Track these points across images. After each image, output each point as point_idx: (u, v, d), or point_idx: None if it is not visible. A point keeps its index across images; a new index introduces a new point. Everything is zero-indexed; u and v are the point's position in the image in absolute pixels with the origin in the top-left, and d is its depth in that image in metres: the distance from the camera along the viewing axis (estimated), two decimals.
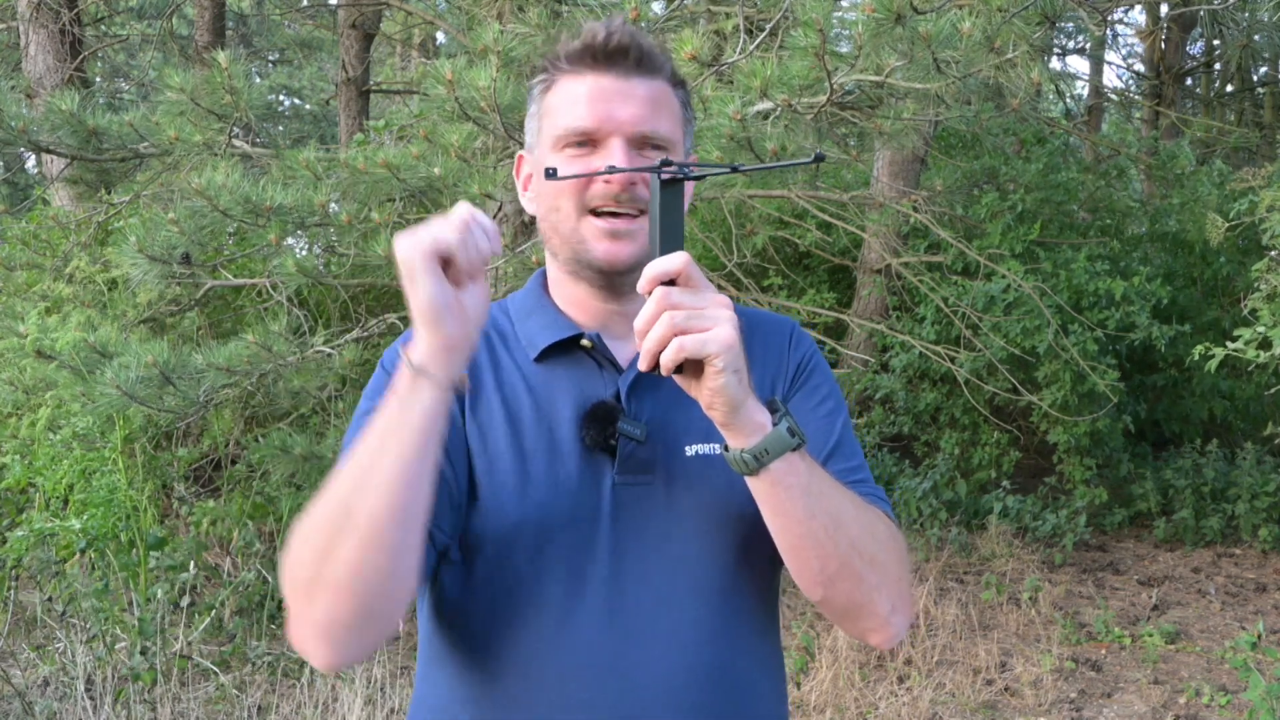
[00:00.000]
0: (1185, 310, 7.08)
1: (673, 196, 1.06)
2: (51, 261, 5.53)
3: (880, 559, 1.11)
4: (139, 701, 3.70)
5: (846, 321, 6.43)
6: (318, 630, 1.02)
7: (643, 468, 1.16)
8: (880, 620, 1.13)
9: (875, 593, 1.11)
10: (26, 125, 4.05)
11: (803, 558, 1.08)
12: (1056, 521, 6.30)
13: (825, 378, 1.29)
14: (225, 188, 3.53)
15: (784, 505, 1.05)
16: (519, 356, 1.21)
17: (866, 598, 1.11)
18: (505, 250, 4.35)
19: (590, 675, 1.12)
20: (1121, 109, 13.83)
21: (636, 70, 1.19)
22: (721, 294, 1.02)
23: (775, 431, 1.02)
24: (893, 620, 1.13)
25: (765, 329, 1.29)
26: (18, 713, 3.58)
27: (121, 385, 3.39)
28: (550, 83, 1.21)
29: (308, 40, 15.18)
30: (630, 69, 1.18)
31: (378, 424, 1.02)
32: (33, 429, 5.31)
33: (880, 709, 4.11)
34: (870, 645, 1.16)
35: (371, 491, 0.99)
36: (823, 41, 2.85)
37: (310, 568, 1.01)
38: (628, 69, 1.18)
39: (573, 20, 3.83)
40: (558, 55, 1.21)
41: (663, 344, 0.98)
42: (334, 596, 1.00)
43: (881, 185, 7.15)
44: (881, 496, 1.23)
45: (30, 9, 7.15)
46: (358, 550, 0.99)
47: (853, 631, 1.16)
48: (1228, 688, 4.36)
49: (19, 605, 4.72)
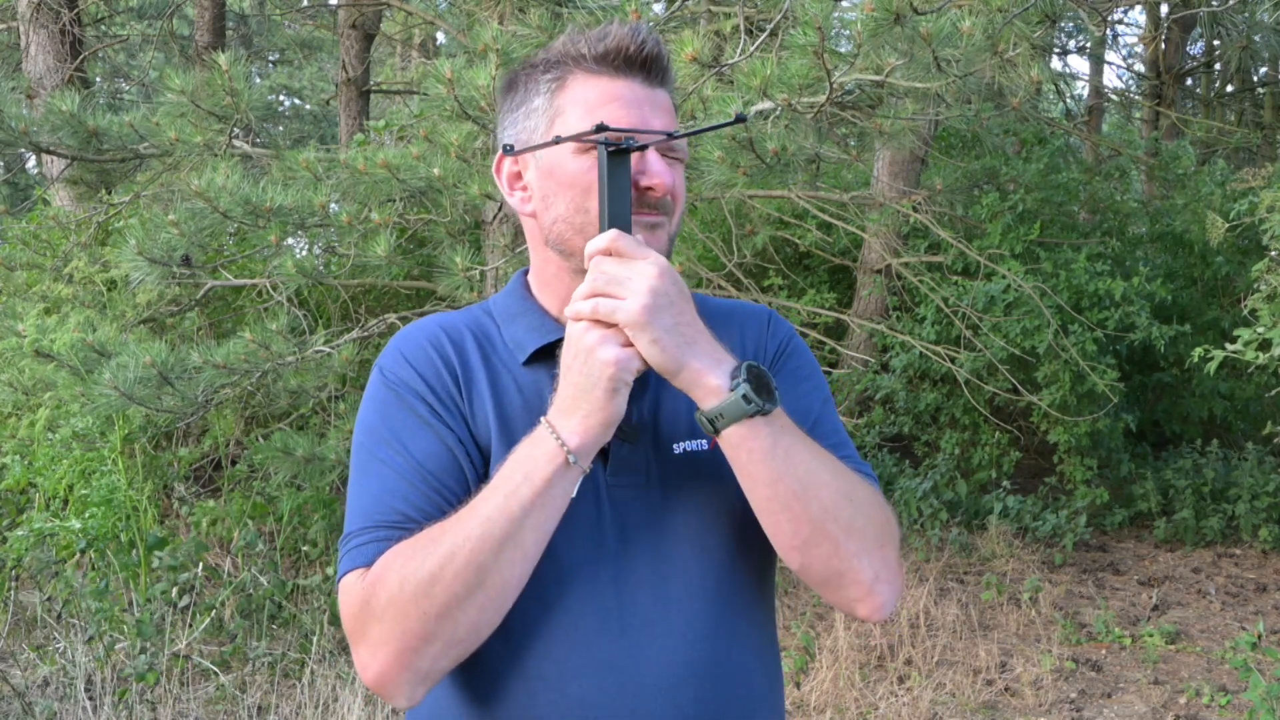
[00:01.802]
0: (1185, 310, 7.08)
1: (619, 167, 1.09)
2: (51, 262, 5.53)
3: (859, 526, 1.12)
4: (139, 701, 3.70)
5: (846, 322, 6.43)
6: (418, 676, 1.06)
7: (633, 468, 1.17)
8: (864, 589, 1.13)
9: (855, 560, 1.11)
10: (27, 126, 4.05)
11: (774, 521, 1.11)
12: (1056, 521, 6.30)
13: (804, 360, 1.30)
14: (225, 189, 3.52)
15: (747, 468, 1.08)
16: (507, 360, 1.21)
17: (846, 565, 1.12)
18: (505, 250, 4.35)
19: (588, 674, 1.12)
20: (1121, 109, 13.83)
21: (660, 80, 1.19)
22: (654, 265, 1.05)
23: (731, 397, 1.05)
24: (877, 589, 1.13)
25: (741, 318, 1.30)
26: (18, 713, 3.58)
27: (119, 386, 3.39)
28: (562, 80, 1.18)
29: (308, 40, 15.19)
30: (655, 78, 1.18)
31: (518, 492, 1.05)
32: (32, 429, 5.32)
33: (880, 709, 4.10)
34: (859, 617, 1.16)
35: (507, 564, 1.04)
36: (822, 40, 2.84)
37: (429, 622, 1.04)
38: (653, 78, 1.18)
39: (573, 20, 3.82)
40: (580, 54, 1.17)
41: (585, 302, 1.06)
42: (447, 650, 1.05)
43: (881, 185, 7.15)
44: (869, 472, 1.23)
45: (30, 9, 7.15)
46: (483, 613, 1.05)
47: (838, 602, 1.16)
48: (1228, 688, 4.36)
49: (19, 605, 4.72)
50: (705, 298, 1.32)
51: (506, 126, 1.24)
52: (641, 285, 1.03)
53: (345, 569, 1.11)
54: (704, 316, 1.11)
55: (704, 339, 1.08)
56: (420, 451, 1.14)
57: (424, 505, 1.11)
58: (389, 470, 1.13)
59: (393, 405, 1.17)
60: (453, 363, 1.19)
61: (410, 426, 1.15)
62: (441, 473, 1.13)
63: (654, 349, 1.04)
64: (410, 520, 1.10)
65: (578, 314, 1.06)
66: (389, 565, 1.06)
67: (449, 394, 1.17)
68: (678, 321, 1.05)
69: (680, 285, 1.07)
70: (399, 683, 1.06)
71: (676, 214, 1.20)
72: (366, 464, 1.16)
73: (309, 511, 5.20)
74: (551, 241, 1.20)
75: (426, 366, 1.19)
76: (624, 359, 1.04)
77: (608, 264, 1.06)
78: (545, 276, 1.24)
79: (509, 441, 1.14)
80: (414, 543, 1.07)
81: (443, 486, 1.12)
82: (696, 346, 1.06)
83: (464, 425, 1.16)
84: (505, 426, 1.16)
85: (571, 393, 1.06)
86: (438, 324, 1.24)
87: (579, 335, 1.06)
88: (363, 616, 1.07)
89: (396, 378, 1.18)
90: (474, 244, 4.55)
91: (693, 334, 1.06)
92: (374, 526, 1.11)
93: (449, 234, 4.34)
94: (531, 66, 1.22)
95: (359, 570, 1.10)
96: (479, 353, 1.21)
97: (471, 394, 1.18)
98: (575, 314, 1.07)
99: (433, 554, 1.04)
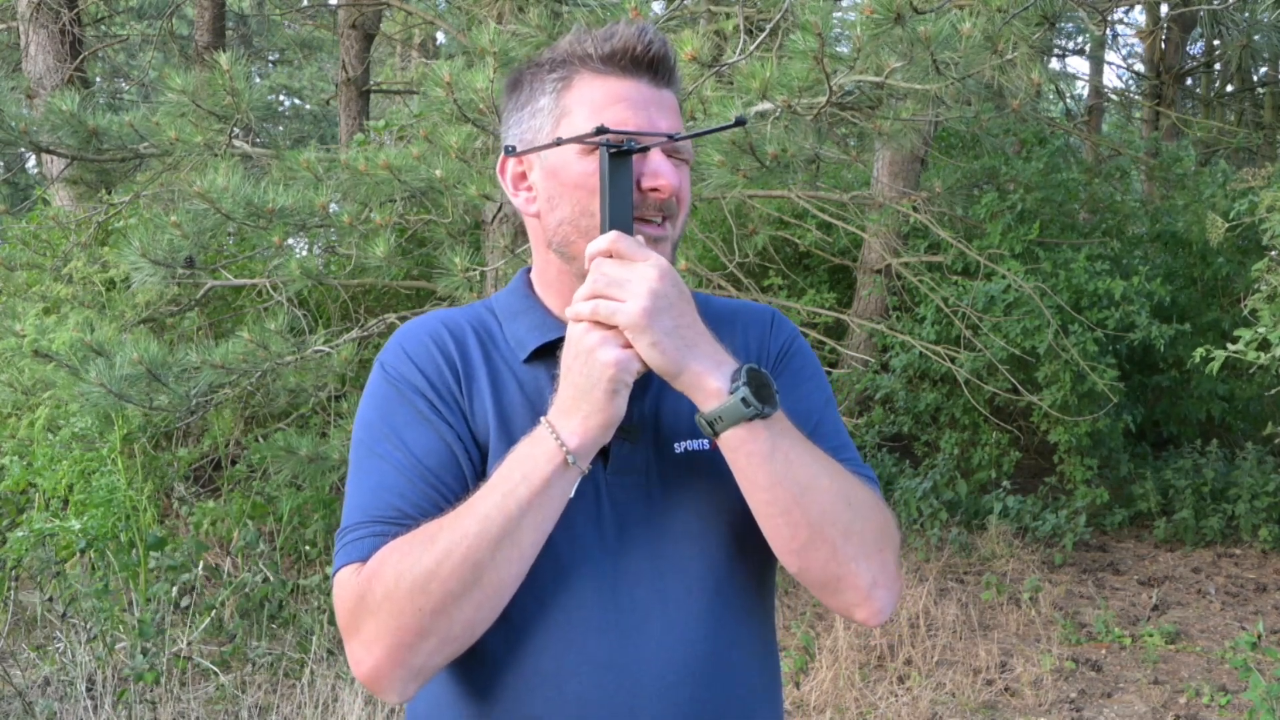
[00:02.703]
0: (1185, 310, 7.08)
1: (620, 169, 1.08)
2: (51, 261, 5.53)
3: (857, 530, 1.11)
4: (139, 701, 3.70)
5: (846, 321, 6.43)
6: (411, 673, 1.06)
7: (633, 466, 1.17)
8: (862, 594, 1.13)
9: (853, 564, 1.11)
10: (27, 125, 4.05)
11: (772, 524, 1.11)
12: (1056, 521, 6.30)
13: (807, 361, 1.30)
14: (227, 190, 3.52)
15: (746, 471, 1.09)
16: (508, 357, 1.21)
17: (843, 569, 1.11)
18: (504, 251, 4.35)
19: (586, 672, 1.12)
20: (1121, 109, 13.83)
21: (667, 81, 1.18)
22: (654, 267, 1.05)
23: (731, 400, 1.05)
24: (875, 594, 1.13)
25: (745, 318, 1.30)
26: (18, 713, 3.58)
27: (107, 383, 3.39)
28: (568, 80, 1.17)
29: (308, 40, 15.19)
30: (662, 79, 1.18)
31: (516, 491, 1.05)
32: (32, 429, 5.32)
33: (880, 709, 4.11)
34: (858, 621, 1.16)
35: (504, 563, 1.04)
36: (821, 44, 2.84)
37: (424, 619, 1.04)
38: (659, 79, 1.17)
39: (573, 20, 3.82)
40: (586, 53, 1.16)
41: (585, 303, 1.06)
42: (442, 647, 1.05)
43: (881, 185, 7.16)
44: (870, 475, 1.23)
45: (30, 9, 7.16)
46: (478, 611, 1.05)
47: (836, 606, 1.16)
48: (1228, 688, 4.36)
49: (19, 605, 4.72)
50: (709, 298, 1.31)
51: (511, 126, 1.23)
52: (641, 288, 1.03)
53: (341, 563, 1.11)
54: (707, 317, 1.11)
55: (704, 341, 1.07)
56: (419, 448, 1.14)
57: (421, 502, 1.11)
58: (387, 466, 1.13)
59: (393, 401, 1.17)
60: (454, 359, 1.19)
61: (410, 422, 1.15)
62: (440, 469, 1.13)
63: (653, 351, 1.04)
64: (407, 516, 1.10)
65: (577, 315, 1.06)
66: (385, 561, 1.06)
67: (449, 390, 1.17)
68: (678, 324, 1.05)
69: (681, 287, 1.07)
70: (392, 678, 1.06)
71: (680, 217, 1.19)
72: (365, 459, 1.16)
73: (309, 511, 5.20)
74: (555, 244, 1.19)
75: (427, 362, 1.18)
76: (624, 360, 1.04)
77: (608, 265, 1.06)
78: (547, 278, 1.24)
79: (508, 439, 1.14)
80: (411, 539, 1.07)
81: (440, 483, 1.12)
82: (696, 349, 1.06)
83: (463, 422, 1.16)
84: (505, 424, 1.16)
85: (571, 393, 1.06)
86: (440, 320, 1.24)
87: (579, 336, 1.06)
88: (357, 611, 1.07)
89: (397, 373, 1.18)
90: (474, 244, 4.55)
91: (693, 336, 1.06)
92: (370, 521, 1.11)
93: (449, 234, 4.34)
94: (537, 65, 1.20)
95: (354, 565, 1.09)
96: (480, 349, 1.21)
97: (472, 390, 1.18)
98: (575, 315, 1.07)
99: (429, 551, 1.04)
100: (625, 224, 1.09)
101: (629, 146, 1.08)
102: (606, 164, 1.08)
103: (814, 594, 1.17)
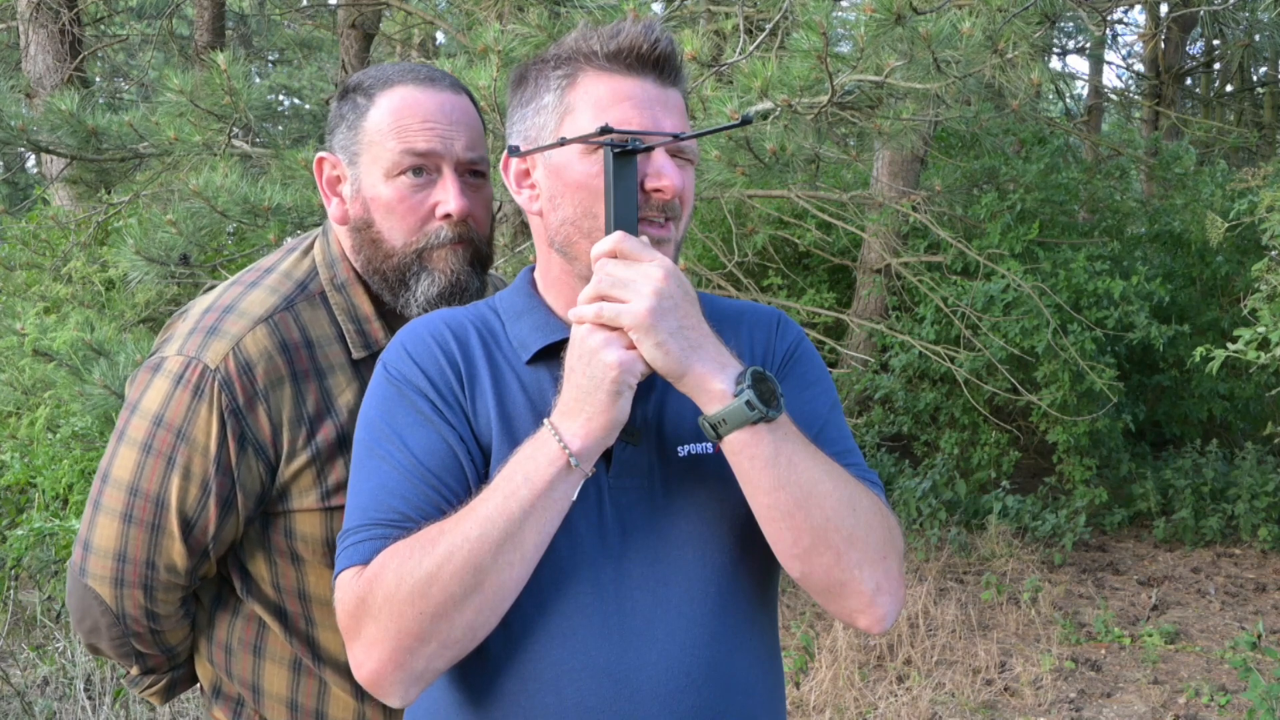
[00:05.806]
0: (1185, 310, 7.08)
1: (625, 169, 1.08)
2: (51, 261, 5.53)
3: (861, 536, 1.10)
4: (138, 701, 3.69)
5: (846, 321, 6.43)
6: (412, 676, 1.06)
7: (636, 470, 1.16)
8: (865, 600, 1.12)
9: (856, 570, 1.10)
10: (26, 125, 4.04)
11: (775, 529, 1.10)
12: (1056, 521, 6.30)
13: (812, 364, 1.28)
14: (223, 189, 3.52)
15: (749, 475, 1.08)
16: (511, 358, 1.20)
17: (847, 575, 1.10)
18: (504, 251, 4.35)
19: (587, 677, 1.11)
20: (1121, 109, 13.83)
21: (672, 80, 1.17)
22: (659, 268, 1.04)
23: (735, 403, 1.04)
24: (878, 600, 1.12)
25: (750, 320, 1.28)
26: (17, 712, 3.58)
27: (109, 384, 3.38)
28: (573, 78, 1.16)
29: (308, 40, 15.18)
30: (668, 78, 1.17)
31: (518, 493, 1.04)
32: (32, 428, 5.32)
33: (880, 709, 4.10)
34: (860, 628, 1.16)
35: (505, 566, 1.03)
36: (825, 44, 2.84)
37: (425, 622, 1.03)
38: (665, 78, 1.16)
39: (572, 21, 3.82)
40: (591, 51, 1.14)
41: (590, 305, 1.06)
42: (443, 650, 1.05)
43: (881, 185, 7.15)
44: (874, 480, 1.22)
45: (30, 9, 7.15)
46: (480, 614, 1.04)
47: (839, 612, 1.15)
48: (1228, 688, 4.36)
49: (19, 605, 4.72)
50: (714, 299, 1.30)
51: (515, 122, 1.22)
52: (646, 288, 1.03)
53: (342, 566, 1.11)
54: (712, 318, 1.10)
55: (709, 343, 1.07)
56: (421, 449, 1.13)
57: (423, 504, 1.10)
58: (389, 467, 1.12)
59: (395, 401, 1.16)
60: (456, 359, 1.18)
61: (411, 423, 1.14)
62: (442, 471, 1.12)
63: (658, 353, 1.03)
64: (409, 519, 1.09)
65: (581, 317, 1.06)
66: (386, 564, 1.06)
67: (451, 391, 1.16)
68: (682, 325, 1.04)
69: (686, 288, 1.06)
70: (393, 682, 1.06)
71: (684, 217, 1.18)
72: (366, 460, 1.15)
73: None
74: (557, 244, 1.18)
75: (430, 363, 1.17)
76: (628, 362, 1.03)
77: (612, 266, 1.05)
78: (550, 278, 1.23)
79: (511, 440, 1.13)
80: (412, 542, 1.06)
81: (442, 485, 1.12)
82: (701, 350, 1.05)
83: (466, 423, 1.15)
84: (507, 425, 1.15)
85: (575, 395, 1.05)
86: (442, 319, 1.23)
87: (583, 338, 1.05)
88: (358, 614, 1.06)
89: (399, 373, 1.17)
90: None
91: (697, 338, 1.06)
92: (372, 524, 1.10)
93: None
94: (542, 62, 1.19)
95: (356, 567, 1.09)
96: (483, 349, 1.20)
97: (474, 391, 1.17)
98: (579, 317, 1.06)
99: (430, 554, 1.03)
100: (630, 224, 1.08)
101: (633, 146, 1.08)
102: (611, 164, 1.07)
103: (817, 599, 1.16)
